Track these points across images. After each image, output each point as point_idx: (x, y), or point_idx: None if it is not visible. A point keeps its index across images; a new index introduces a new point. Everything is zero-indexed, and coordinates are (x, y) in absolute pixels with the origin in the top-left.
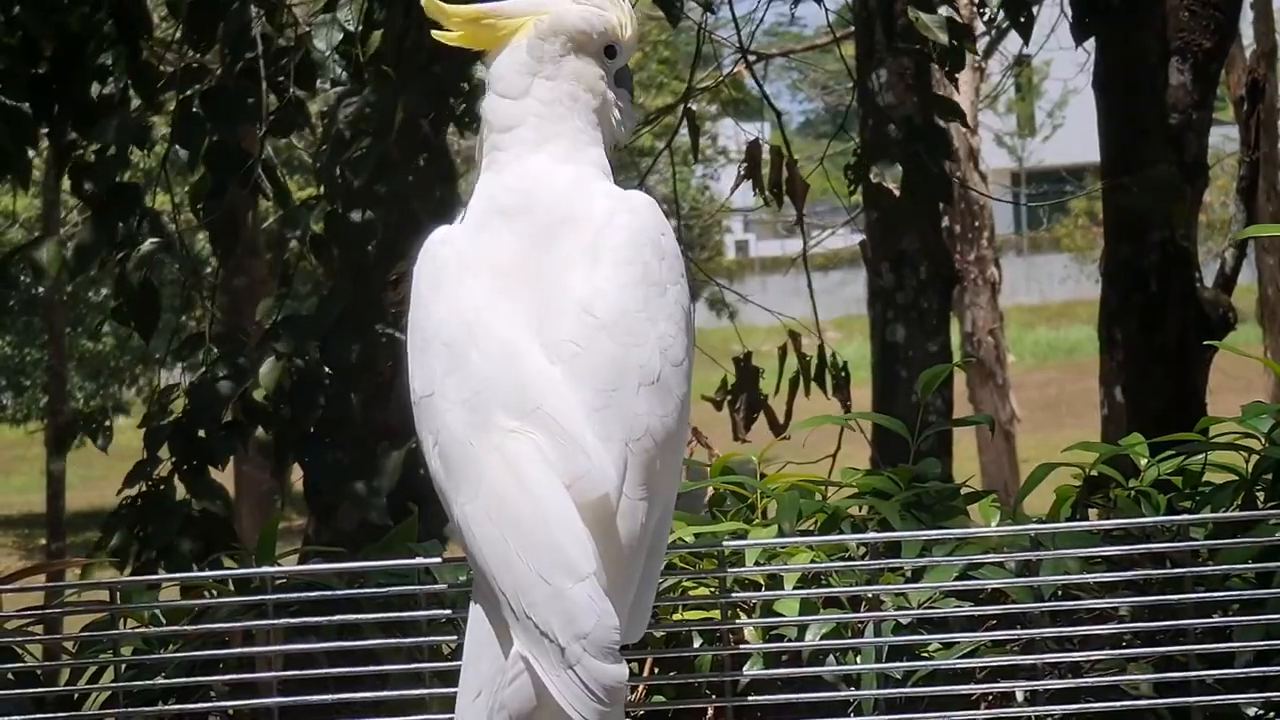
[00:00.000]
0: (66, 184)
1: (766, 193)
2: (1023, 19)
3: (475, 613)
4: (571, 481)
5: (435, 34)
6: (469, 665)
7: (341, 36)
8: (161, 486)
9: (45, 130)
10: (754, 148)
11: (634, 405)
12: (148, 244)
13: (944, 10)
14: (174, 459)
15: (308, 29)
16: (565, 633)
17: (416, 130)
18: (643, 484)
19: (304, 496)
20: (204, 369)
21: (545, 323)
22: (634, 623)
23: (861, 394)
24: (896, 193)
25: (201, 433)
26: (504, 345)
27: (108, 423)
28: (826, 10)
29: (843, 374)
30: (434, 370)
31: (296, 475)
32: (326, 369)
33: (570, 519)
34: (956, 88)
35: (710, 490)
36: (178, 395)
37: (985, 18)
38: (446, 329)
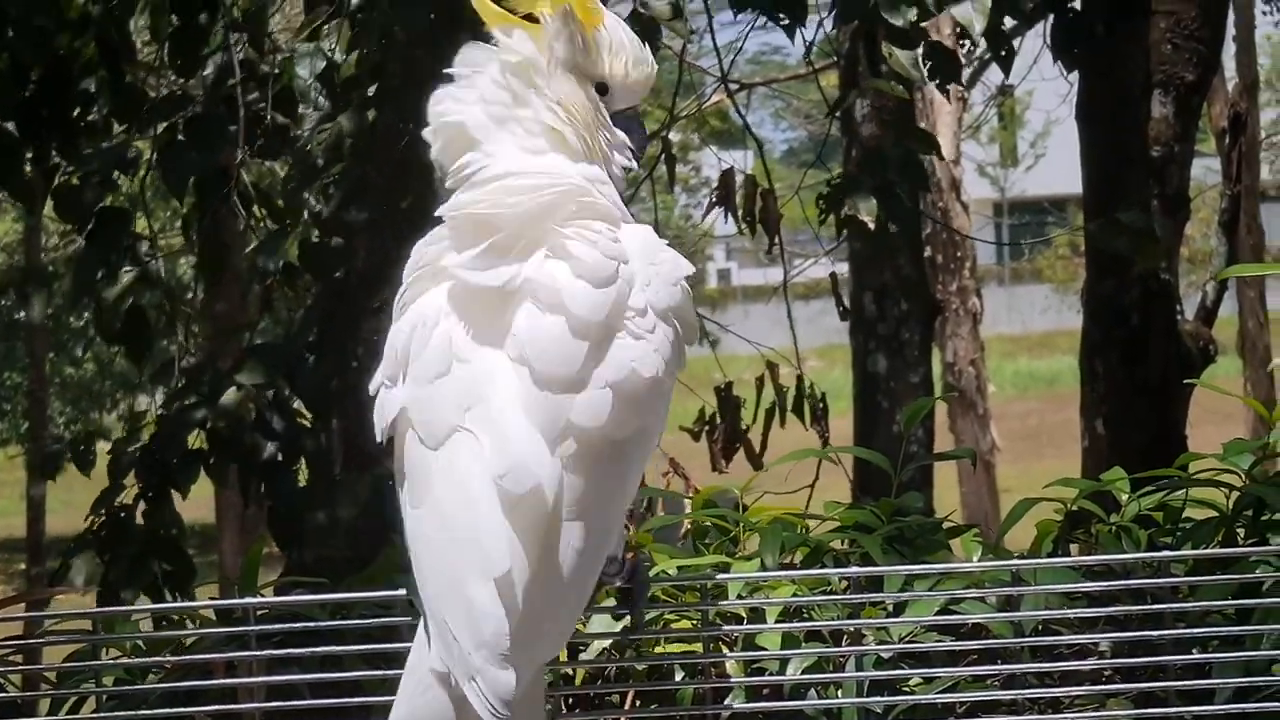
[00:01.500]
0: (48, 208)
1: (740, 222)
2: (1004, 52)
3: (420, 625)
4: (502, 474)
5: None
6: (403, 678)
7: (324, 64)
8: (123, 514)
9: (30, 154)
10: (727, 176)
11: (571, 414)
12: (132, 272)
13: (925, 42)
14: (140, 485)
15: (290, 54)
16: (469, 640)
17: (395, 154)
18: (574, 505)
19: (267, 525)
20: (173, 396)
21: (503, 328)
22: (558, 638)
23: (843, 423)
24: (871, 225)
25: (168, 459)
26: (461, 346)
27: (92, 447)
28: (807, 43)
29: (820, 405)
30: (394, 366)
31: None
32: (294, 397)
33: (497, 520)
34: (948, 98)
35: (687, 523)
36: (147, 422)
37: (965, 49)
38: (401, 333)
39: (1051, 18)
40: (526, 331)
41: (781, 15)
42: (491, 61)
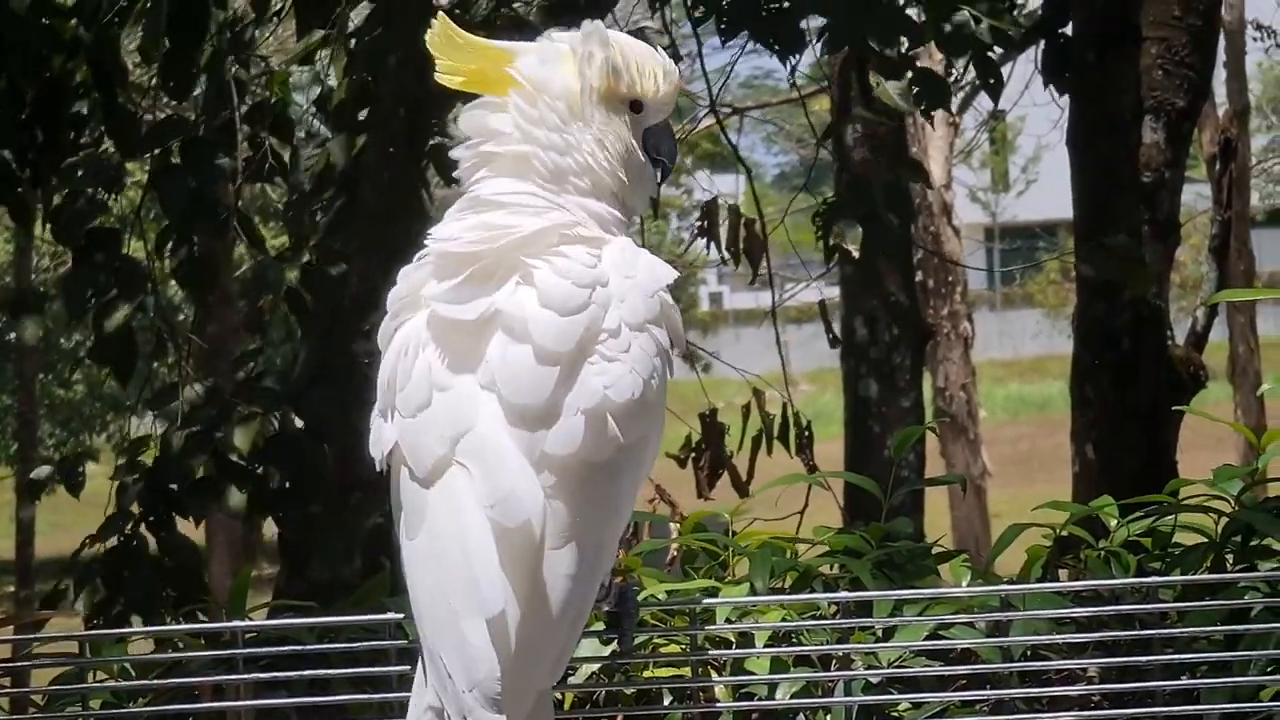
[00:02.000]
0: (38, 229)
1: (724, 251)
2: (992, 79)
3: (420, 656)
4: (494, 505)
5: (440, 74)
6: (409, 714)
7: (319, 91)
8: (134, 542)
9: (26, 175)
10: (711, 205)
11: (550, 445)
12: (123, 297)
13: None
14: (143, 512)
15: (285, 76)
16: (462, 679)
17: (386, 179)
18: (561, 535)
19: (278, 550)
20: (177, 422)
21: (483, 354)
22: (554, 665)
23: (834, 448)
24: (856, 254)
25: (174, 486)
26: (431, 377)
27: (82, 469)
28: (795, 69)
29: (806, 433)
30: (383, 401)
31: (268, 525)
32: (300, 425)
33: (490, 554)
34: (931, 124)
35: (674, 549)
36: (148, 447)
37: (953, 78)
38: (388, 364)
39: (1043, 43)
40: (498, 361)
41: (774, 42)
42: (530, 89)
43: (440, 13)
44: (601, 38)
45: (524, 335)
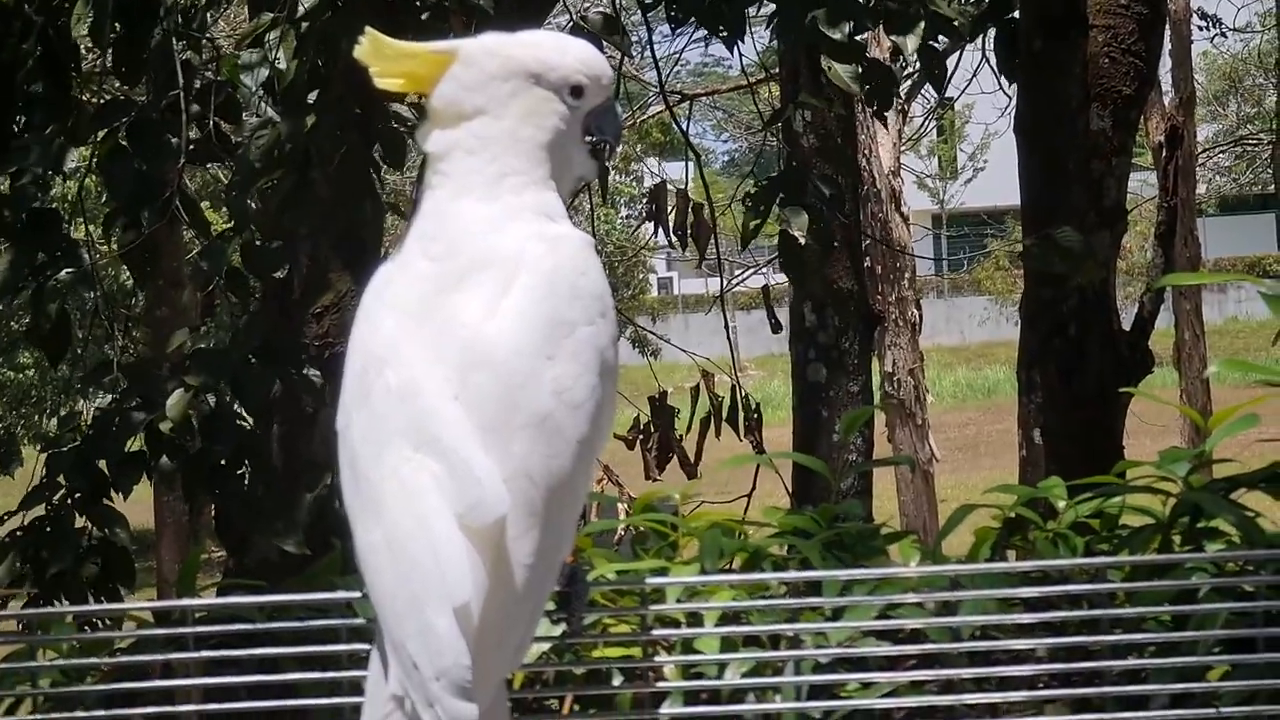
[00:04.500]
0: None
1: (671, 236)
2: (936, 70)
3: (375, 646)
4: (464, 510)
5: (377, 79)
6: (365, 703)
7: (267, 74)
8: (61, 513)
9: None
10: (658, 190)
11: (511, 445)
12: (64, 273)
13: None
14: (68, 485)
15: (234, 59)
16: (429, 668)
17: (338, 163)
18: (519, 523)
19: (215, 529)
20: (111, 397)
21: (444, 360)
22: (513, 659)
23: (783, 433)
24: (801, 240)
25: (103, 462)
26: (406, 381)
27: (16, 447)
28: (742, 56)
29: (755, 415)
30: (347, 404)
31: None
32: (237, 403)
33: (456, 547)
34: (886, 126)
35: (621, 529)
36: (78, 423)
37: (899, 66)
38: (357, 363)
39: (993, 31)
40: (456, 372)
41: (720, 28)
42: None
43: (368, 28)
44: (521, 39)
45: (498, 332)
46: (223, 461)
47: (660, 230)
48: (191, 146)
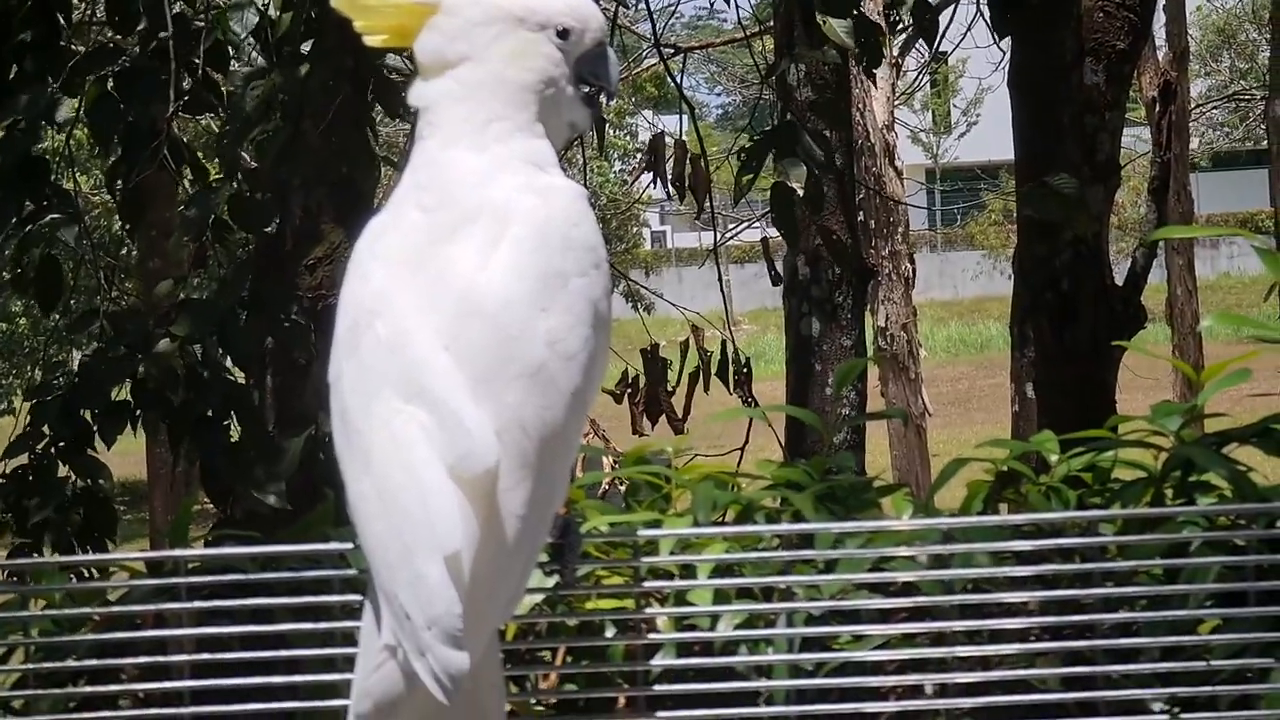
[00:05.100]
0: None
1: (670, 186)
2: (929, 24)
3: (368, 597)
4: (455, 461)
5: (364, 36)
6: (358, 654)
7: (257, 20)
8: (44, 462)
9: None
10: (656, 141)
11: (504, 396)
12: (51, 217)
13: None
14: (53, 434)
15: (223, 8)
16: (420, 616)
17: (332, 112)
18: (512, 474)
19: (199, 481)
20: (97, 345)
21: (437, 311)
22: (505, 610)
23: (776, 386)
24: (800, 191)
25: (87, 411)
26: (396, 332)
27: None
28: (738, 9)
29: (744, 369)
30: (338, 355)
31: None
32: (225, 353)
33: (446, 497)
34: (875, 84)
35: (606, 483)
36: (63, 371)
37: (891, 20)
38: (348, 316)
39: None
40: (449, 323)
41: None
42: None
43: None
44: None
45: (490, 283)
46: (209, 413)
47: (658, 181)
48: (185, 97)
